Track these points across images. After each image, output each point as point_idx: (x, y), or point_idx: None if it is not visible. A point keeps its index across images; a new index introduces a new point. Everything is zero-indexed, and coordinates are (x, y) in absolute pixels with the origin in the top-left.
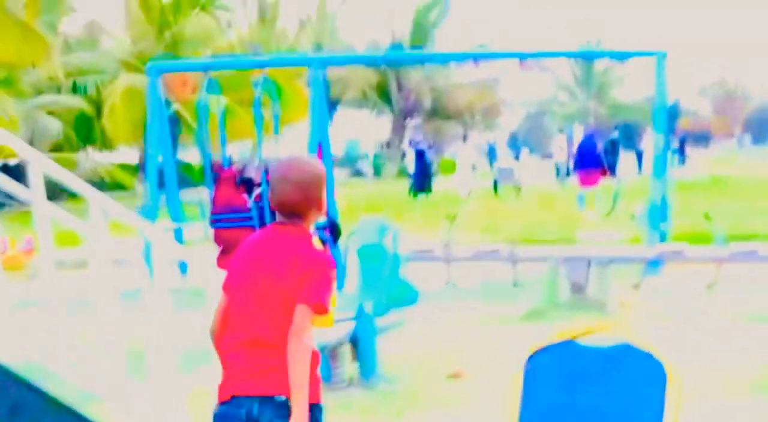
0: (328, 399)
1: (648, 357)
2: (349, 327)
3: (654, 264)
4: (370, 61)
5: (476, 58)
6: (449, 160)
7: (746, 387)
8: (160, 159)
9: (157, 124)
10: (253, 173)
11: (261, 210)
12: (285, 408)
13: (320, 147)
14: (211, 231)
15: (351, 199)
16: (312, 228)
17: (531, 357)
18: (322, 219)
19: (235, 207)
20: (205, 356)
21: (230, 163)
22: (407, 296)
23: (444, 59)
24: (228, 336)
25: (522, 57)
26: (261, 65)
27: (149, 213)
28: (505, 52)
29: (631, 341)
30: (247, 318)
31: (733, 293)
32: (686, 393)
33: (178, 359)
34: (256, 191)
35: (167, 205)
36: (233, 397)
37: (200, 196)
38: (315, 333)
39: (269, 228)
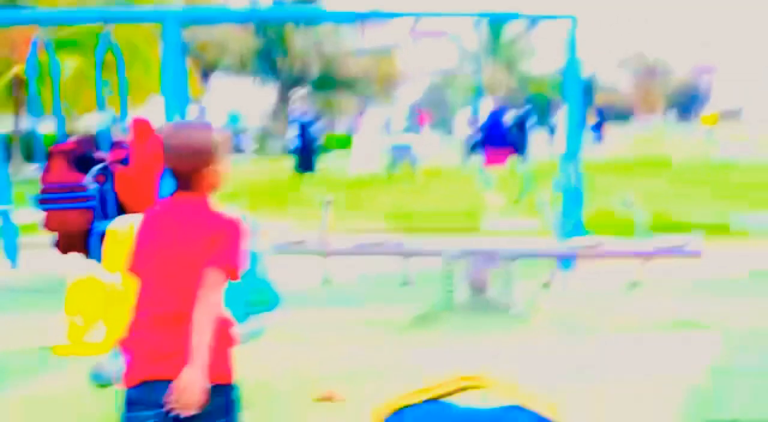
0: None
1: None
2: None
3: (567, 260)
4: (236, 18)
5: (364, 17)
6: (341, 135)
7: (669, 408)
8: None
9: None
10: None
11: (103, 192)
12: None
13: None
14: (41, 215)
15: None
16: None
17: None
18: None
19: (68, 184)
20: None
21: (67, 135)
22: (266, 299)
23: (323, 18)
24: (138, 316)
25: (418, 15)
26: (103, 19)
27: None
28: (398, 12)
29: (521, 401)
30: (157, 294)
31: (656, 294)
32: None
33: None
34: (96, 169)
35: None
36: (144, 382)
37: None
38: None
39: (167, 200)
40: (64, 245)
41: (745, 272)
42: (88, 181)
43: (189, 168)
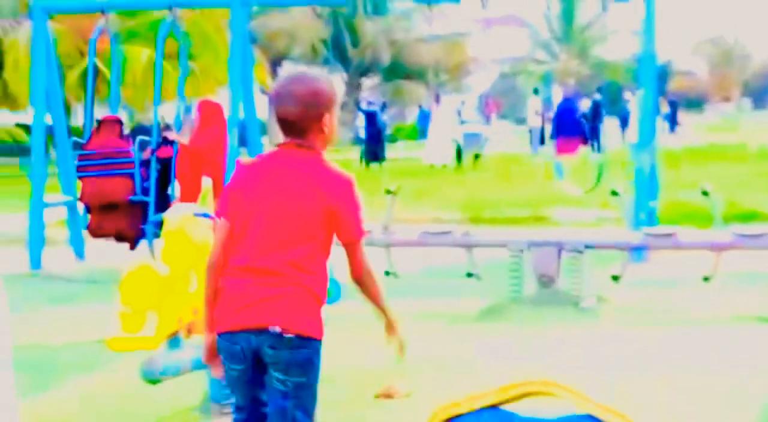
0: None
1: None
2: None
3: (639, 250)
4: (303, 1)
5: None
6: (409, 125)
7: (755, 406)
8: (48, 120)
9: (43, 77)
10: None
11: (147, 165)
12: (280, 339)
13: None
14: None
15: None
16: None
17: None
18: None
19: (110, 150)
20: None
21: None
22: (329, 291)
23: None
24: (232, 264)
25: None
26: (168, 5)
27: (34, 182)
28: None
29: (593, 410)
30: (256, 244)
31: (735, 287)
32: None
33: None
34: (144, 139)
35: (59, 174)
36: (227, 332)
37: None
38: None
39: (275, 150)
40: (96, 223)
41: None
42: (134, 148)
43: (306, 116)
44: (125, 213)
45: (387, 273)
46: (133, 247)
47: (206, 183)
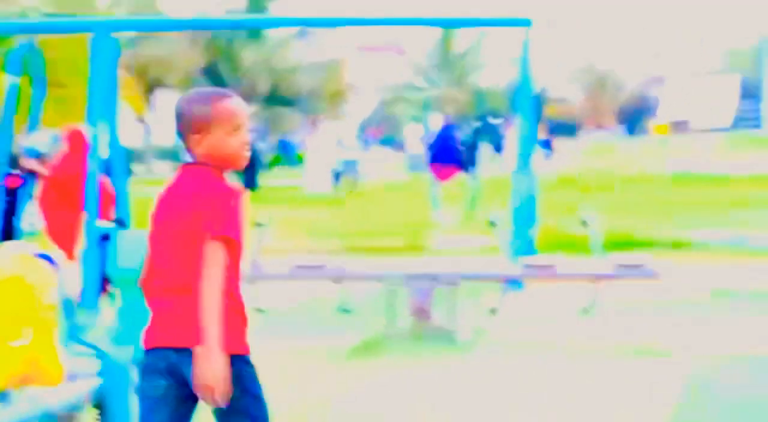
0: None
1: None
2: (90, 383)
3: (517, 282)
4: (169, 27)
5: (305, 23)
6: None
7: None
8: None
9: None
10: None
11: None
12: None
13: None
14: None
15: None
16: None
17: None
18: (105, 222)
19: None
20: None
21: None
22: None
23: (262, 25)
24: (149, 283)
25: (364, 23)
26: (28, 30)
27: None
28: (346, 19)
29: None
30: (163, 263)
31: (614, 318)
32: None
33: None
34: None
35: None
36: (154, 348)
37: None
38: (39, 393)
39: (178, 170)
40: None
41: (706, 292)
42: None
43: (181, 133)
44: None
45: (256, 310)
46: None
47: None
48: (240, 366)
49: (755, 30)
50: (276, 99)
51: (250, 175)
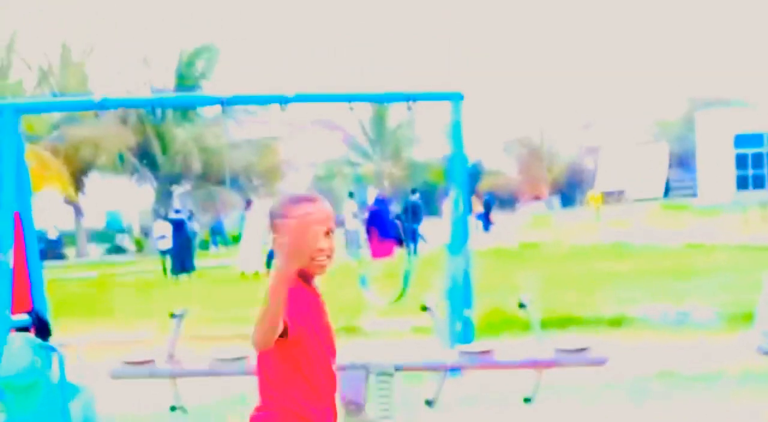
0: None
1: None
2: None
3: (455, 369)
4: (81, 107)
5: (226, 103)
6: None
7: None
8: None
9: None
10: None
11: None
12: None
13: (18, 218)
14: None
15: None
16: None
17: None
18: (20, 316)
19: None
20: None
21: None
22: None
23: (186, 104)
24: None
25: (283, 101)
26: None
27: None
28: (275, 96)
29: None
30: None
31: (557, 406)
32: None
33: None
34: None
35: None
36: None
37: None
38: None
39: None
40: None
41: (651, 373)
42: None
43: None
44: None
45: (173, 408)
46: None
47: None
48: None
49: (683, 100)
50: (210, 177)
51: (183, 258)
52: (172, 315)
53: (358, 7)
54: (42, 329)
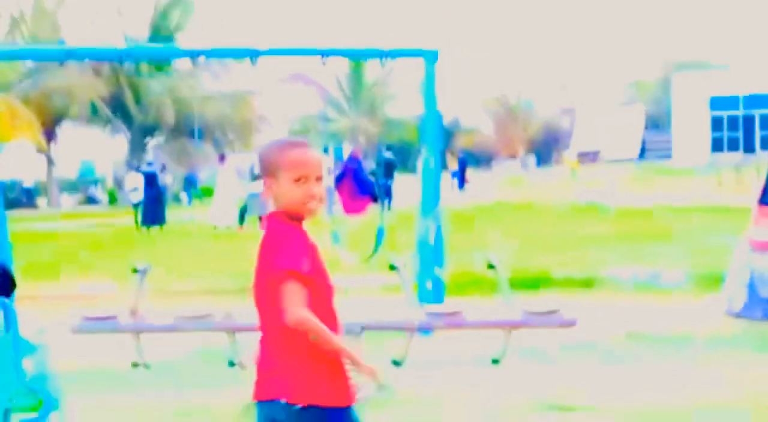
0: None
1: None
2: None
3: (424, 330)
4: (51, 56)
5: (195, 55)
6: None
7: None
8: None
9: None
10: None
11: None
12: (284, 411)
13: None
14: None
15: (76, 236)
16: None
17: None
18: None
19: None
20: None
21: None
22: (36, 403)
23: (156, 56)
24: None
25: (255, 55)
26: None
27: None
28: (250, 50)
29: None
30: (259, 314)
31: (526, 368)
32: None
33: None
34: None
35: None
36: (255, 402)
37: None
38: None
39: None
40: None
41: (621, 334)
42: None
43: (261, 176)
44: None
45: (135, 364)
46: None
47: None
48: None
49: (660, 62)
50: (183, 130)
51: (155, 209)
52: (135, 271)
53: None
54: (5, 282)
